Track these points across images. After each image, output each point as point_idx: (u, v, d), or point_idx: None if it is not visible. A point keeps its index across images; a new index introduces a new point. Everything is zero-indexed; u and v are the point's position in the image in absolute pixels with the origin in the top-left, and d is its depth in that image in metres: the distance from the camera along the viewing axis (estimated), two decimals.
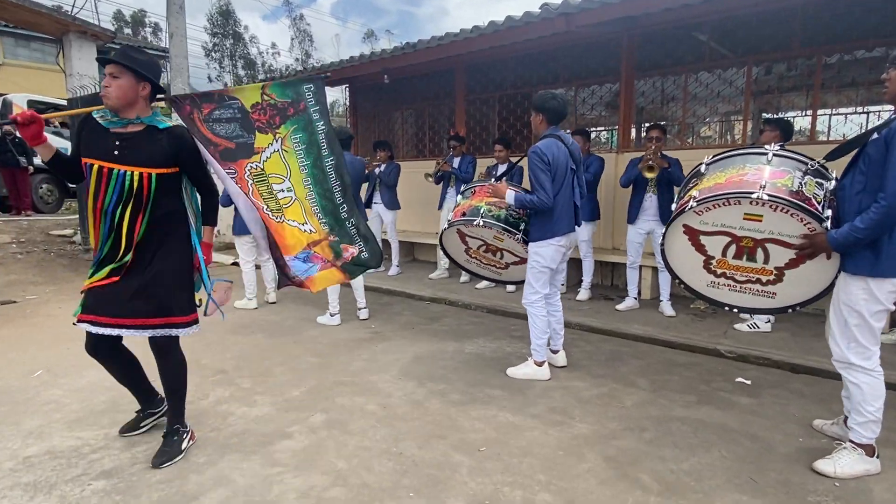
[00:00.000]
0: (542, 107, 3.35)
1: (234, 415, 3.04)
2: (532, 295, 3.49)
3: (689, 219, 2.60)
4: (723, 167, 2.62)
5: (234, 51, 48.79)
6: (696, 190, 2.58)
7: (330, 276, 2.86)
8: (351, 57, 7.01)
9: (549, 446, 2.64)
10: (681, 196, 2.71)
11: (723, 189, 2.45)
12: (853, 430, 2.38)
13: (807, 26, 5.00)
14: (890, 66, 2.24)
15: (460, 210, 3.73)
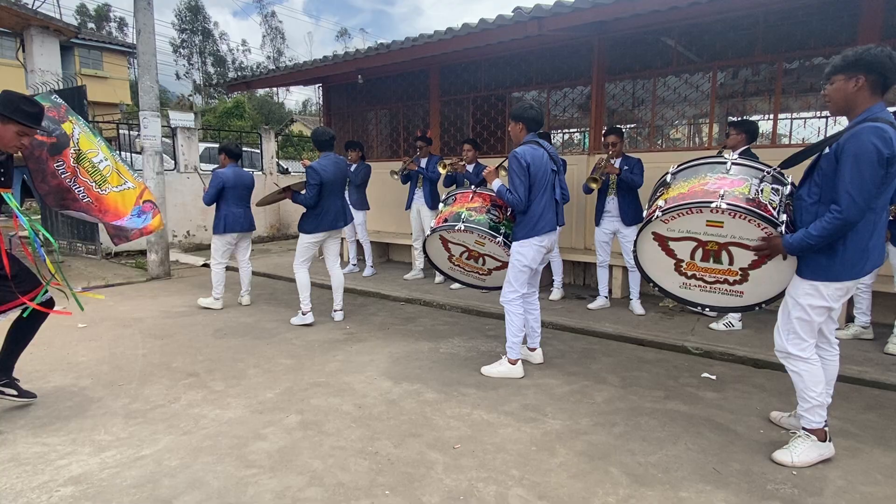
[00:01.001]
0: (521, 116, 3.51)
1: (207, 417, 3.01)
2: (511, 293, 3.55)
3: (657, 227, 2.75)
4: (686, 177, 2.76)
5: (203, 47, 47.90)
6: (663, 200, 2.72)
7: (160, 219, 3.62)
8: (324, 56, 6.97)
9: (523, 442, 2.70)
10: (650, 205, 2.85)
11: (686, 199, 2.60)
12: (803, 418, 2.51)
13: (768, 34, 5.19)
14: (825, 82, 2.36)
15: (442, 217, 3.77)
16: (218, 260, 5.44)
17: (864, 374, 3.52)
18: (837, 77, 2.30)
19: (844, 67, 2.27)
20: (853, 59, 2.25)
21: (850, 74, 2.26)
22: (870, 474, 2.39)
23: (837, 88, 2.31)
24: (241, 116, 28.11)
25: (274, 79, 7.80)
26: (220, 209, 5.34)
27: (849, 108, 2.32)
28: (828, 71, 2.35)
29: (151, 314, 5.28)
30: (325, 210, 4.72)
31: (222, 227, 5.35)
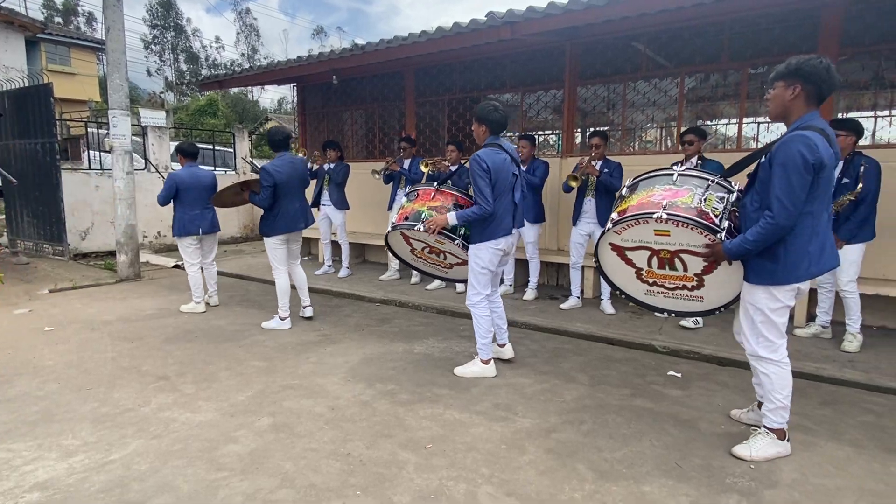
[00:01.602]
0: (486, 118, 3.46)
1: (178, 421, 2.99)
2: (475, 296, 3.61)
3: (611, 238, 2.89)
4: (641, 189, 2.85)
5: (175, 44, 46.98)
6: (616, 212, 2.85)
7: None
8: (299, 56, 6.94)
9: (493, 441, 2.75)
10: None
11: (633, 210, 2.73)
12: (766, 417, 2.61)
13: (734, 41, 5.35)
14: (769, 87, 2.44)
15: (403, 214, 3.77)
16: (190, 262, 5.37)
17: (821, 371, 3.67)
18: (778, 83, 2.39)
19: (785, 75, 2.36)
20: (794, 68, 2.33)
21: (789, 82, 2.35)
22: (822, 467, 2.50)
23: (777, 95, 2.40)
24: (214, 114, 27.68)
25: (247, 78, 7.74)
26: (176, 211, 5.26)
27: (785, 114, 2.42)
28: (771, 76, 2.44)
29: (120, 316, 5.20)
30: (282, 212, 4.64)
31: (178, 229, 5.28)
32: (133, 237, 7.11)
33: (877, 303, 4.58)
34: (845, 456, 2.61)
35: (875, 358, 3.94)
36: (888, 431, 2.88)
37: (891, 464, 2.55)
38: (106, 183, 8.68)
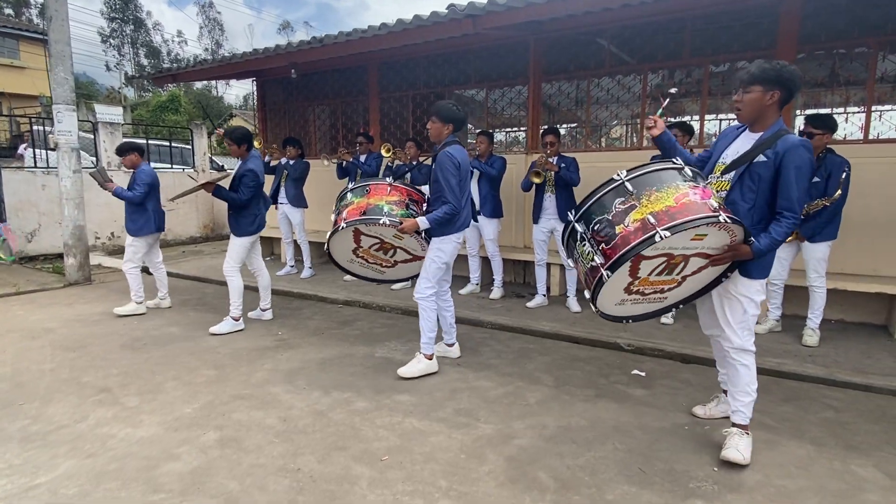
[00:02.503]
0: (453, 117, 3.48)
1: (116, 437, 2.79)
2: (428, 289, 3.57)
3: (649, 249, 2.23)
4: (656, 186, 2.31)
5: (135, 38, 45.41)
6: (651, 215, 2.22)
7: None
8: (255, 49, 6.68)
9: (453, 450, 2.63)
10: (623, 224, 2.27)
11: (686, 214, 2.20)
12: (738, 413, 2.52)
13: (695, 37, 5.35)
14: (741, 89, 2.38)
15: (358, 209, 3.59)
16: (134, 263, 5.16)
17: (782, 367, 3.67)
18: (755, 87, 2.34)
19: (764, 80, 2.31)
20: (774, 75, 2.30)
21: (768, 88, 2.32)
22: (785, 467, 2.47)
23: (754, 99, 2.36)
24: (176, 111, 26.85)
25: (202, 71, 7.42)
26: (147, 208, 5.07)
27: (759, 118, 2.40)
28: (745, 78, 2.37)
29: (65, 324, 4.90)
30: (258, 211, 4.59)
31: (154, 226, 5.14)
32: (82, 239, 6.75)
33: (835, 297, 4.64)
34: (807, 455, 2.59)
35: (834, 352, 3.97)
36: (848, 427, 2.87)
37: (851, 461, 2.53)
38: (53, 182, 8.24)
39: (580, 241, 2.46)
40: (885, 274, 4.65)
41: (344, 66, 7.42)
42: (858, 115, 7.25)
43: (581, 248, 2.45)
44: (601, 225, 2.35)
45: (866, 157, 4.51)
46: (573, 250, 2.55)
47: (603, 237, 2.33)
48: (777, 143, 2.32)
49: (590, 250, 2.38)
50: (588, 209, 2.44)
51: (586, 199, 2.45)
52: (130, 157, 5.14)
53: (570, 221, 2.52)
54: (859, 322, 4.73)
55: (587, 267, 2.41)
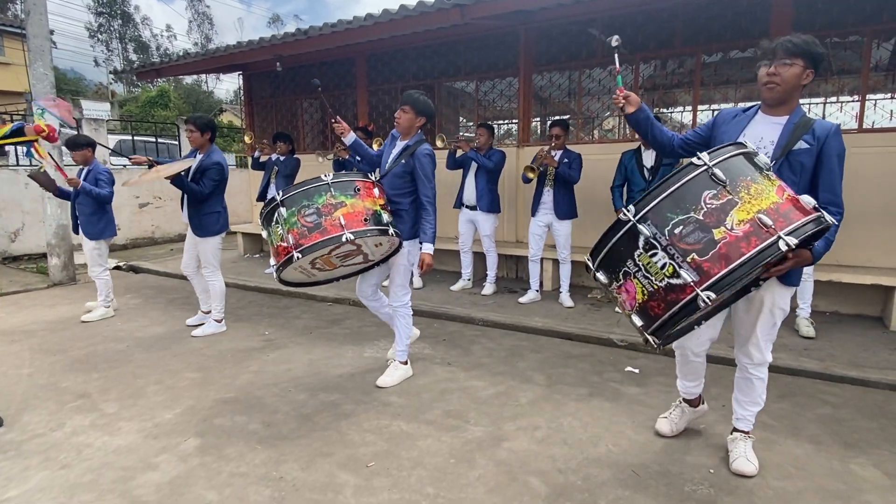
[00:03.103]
0: (424, 111, 3.26)
1: (92, 446, 2.69)
2: (405, 296, 3.42)
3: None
4: (749, 175, 1.87)
5: (123, 33, 44.79)
6: (763, 215, 1.77)
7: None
8: (239, 42, 6.53)
9: (441, 454, 2.55)
10: (723, 226, 1.78)
11: (801, 214, 1.80)
12: (743, 421, 2.41)
13: (687, 26, 5.26)
14: (779, 58, 2.03)
15: (359, 215, 2.90)
16: (103, 266, 4.99)
17: (778, 361, 3.58)
18: (798, 61, 2.02)
19: (809, 56, 2.01)
20: (818, 54, 2.02)
21: (809, 66, 2.04)
22: (783, 468, 2.40)
23: (794, 74, 2.03)
24: (165, 106, 26.51)
25: (186, 66, 7.26)
26: (108, 209, 4.89)
27: (789, 97, 2.10)
28: (787, 48, 2.01)
29: (46, 326, 4.78)
30: (221, 208, 4.39)
31: (114, 227, 4.98)
32: (66, 238, 6.61)
33: (829, 288, 4.59)
34: (805, 454, 2.53)
35: (829, 345, 3.92)
36: (845, 424, 2.82)
37: (849, 461, 2.47)
38: None
39: (645, 250, 1.85)
40: (880, 265, 4.60)
41: (332, 58, 7.28)
42: (852, 105, 7.19)
43: (645, 260, 1.85)
44: (686, 227, 1.79)
45: (861, 147, 4.44)
46: (624, 265, 1.91)
47: (692, 244, 1.77)
48: (814, 128, 2.06)
49: (666, 262, 1.80)
50: (658, 205, 1.84)
51: (653, 190, 1.87)
52: (84, 152, 4.79)
53: (623, 224, 1.90)
54: (854, 314, 4.68)
55: (659, 285, 1.83)
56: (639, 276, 1.88)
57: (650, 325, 1.89)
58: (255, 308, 5.32)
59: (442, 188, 6.20)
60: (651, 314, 1.88)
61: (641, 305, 1.89)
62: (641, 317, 1.92)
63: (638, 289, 1.89)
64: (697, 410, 2.75)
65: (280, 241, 2.85)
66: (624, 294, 1.95)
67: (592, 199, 5.56)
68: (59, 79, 32.14)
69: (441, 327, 4.62)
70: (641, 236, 1.86)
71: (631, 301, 1.93)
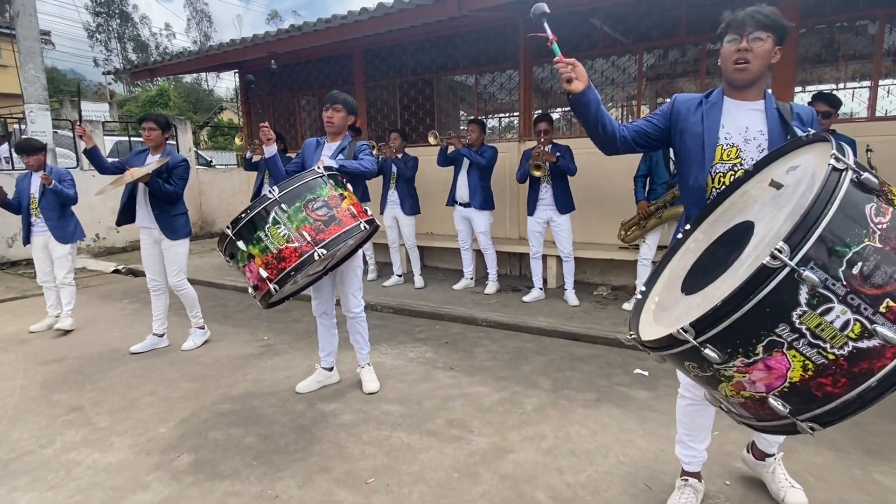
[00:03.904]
0: (354, 109, 3.28)
1: (83, 464, 2.59)
2: (362, 300, 3.33)
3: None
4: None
5: (122, 32, 44.63)
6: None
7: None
8: (232, 40, 6.41)
9: (444, 468, 2.45)
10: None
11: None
12: (775, 445, 2.20)
13: (691, 14, 5.10)
14: (744, 35, 1.74)
15: (359, 206, 2.82)
16: (72, 272, 4.84)
17: None
18: (770, 36, 1.73)
19: (777, 31, 1.73)
20: (786, 29, 1.75)
21: (777, 42, 1.76)
22: (802, 478, 2.28)
23: (767, 50, 1.74)
24: (165, 105, 26.43)
25: (180, 65, 7.14)
26: (73, 214, 4.76)
27: (759, 78, 1.82)
28: (758, 20, 1.71)
29: (41, 334, 4.70)
30: (186, 210, 4.16)
31: (83, 231, 4.87)
32: None
33: None
34: (824, 463, 2.41)
35: None
36: (866, 428, 2.69)
37: (872, 469, 2.35)
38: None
39: (811, 306, 1.21)
40: None
41: (328, 54, 7.15)
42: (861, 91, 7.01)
43: (813, 321, 1.22)
44: (868, 263, 1.21)
45: (873, 136, 4.29)
46: (770, 333, 1.25)
47: (882, 285, 1.21)
48: (798, 113, 1.84)
49: (850, 319, 1.21)
50: (820, 240, 1.21)
51: (805, 222, 1.21)
52: (39, 156, 4.61)
53: (771, 272, 1.20)
54: None
55: (839, 354, 1.22)
56: (799, 345, 1.25)
57: (812, 408, 1.30)
58: (253, 311, 5.22)
59: (435, 186, 6.12)
60: (818, 394, 1.28)
61: (798, 385, 1.28)
62: (791, 400, 1.30)
63: (795, 364, 1.27)
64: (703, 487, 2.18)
65: (285, 243, 2.50)
66: (759, 373, 1.30)
67: (594, 193, 5.43)
68: (59, 80, 32.11)
69: (443, 329, 4.52)
70: (805, 287, 1.21)
71: (773, 381, 1.30)
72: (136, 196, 4.01)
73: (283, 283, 2.54)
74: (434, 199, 6.07)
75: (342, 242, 2.60)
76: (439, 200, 6.01)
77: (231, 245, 2.60)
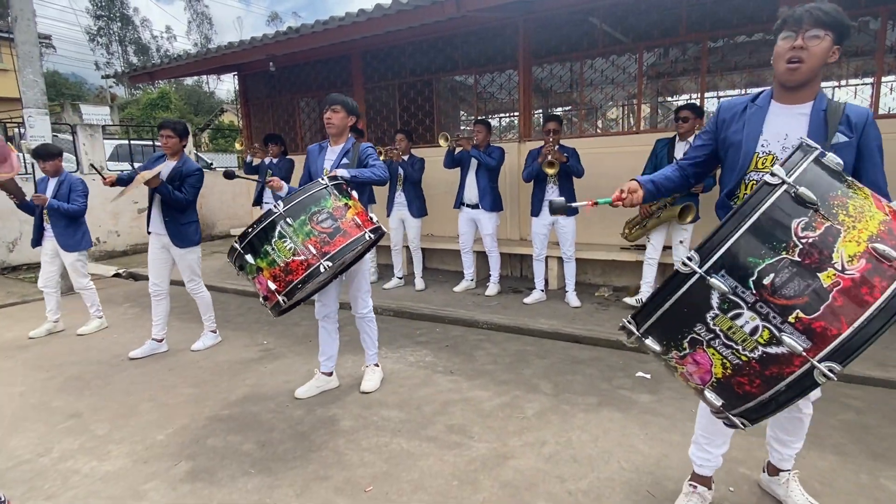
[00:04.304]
0: (354, 110, 3.23)
1: (80, 473, 2.57)
2: (371, 301, 3.39)
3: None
4: (839, 189, 1.41)
5: (122, 35, 44.71)
6: (879, 243, 1.31)
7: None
8: (230, 43, 6.39)
9: (444, 476, 2.42)
10: (831, 267, 1.31)
11: None
12: (789, 460, 2.11)
13: (692, 12, 5.06)
14: (800, 32, 1.65)
15: (364, 215, 2.81)
16: (87, 277, 4.90)
17: None
18: (828, 34, 1.64)
19: (838, 29, 1.64)
20: (848, 28, 1.66)
21: (837, 41, 1.67)
22: (808, 483, 2.25)
23: (824, 49, 1.65)
24: (166, 108, 26.42)
25: (178, 68, 7.13)
26: (82, 222, 4.77)
27: (814, 78, 1.72)
28: (816, 17, 1.63)
29: (42, 340, 4.69)
30: (197, 218, 4.20)
31: (90, 239, 4.88)
32: None
33: None
34: (830, 467, 2.37)
35: None
36: (872, 431, 2.66)
37: (879, 473, 2.31)
38: (32, 189, 7.98)
39: (723, 310, 1.35)
40: None
41: (327, 56, 7.13)
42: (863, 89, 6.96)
43: (724, 324, 1.36)
44: (781, 275, 1.31)
45: None
46: (691, 331, 1.41)
47: (792, 297, 1.30)
48: (848, 115, 1.72)
49: (758, 326, 1.33)
50: (733, 248, 1.34)
51: (720, 228, 1.37)
52: (55, 162, 4.64)
53: (685, 278, 1.38)
54: None
55: (749, 357, 1.35)
56: (715, 344, 1.39)
57: (739, 404, 1.43)
58: (254, 315, 5.20)
59: (437, 188, 6.09)
60: (739, 392, 1.41)
61: (722, 381, 1.42)
62: (722, 394, 1.44)
63: (716, 361, 1.41)
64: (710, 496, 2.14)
65: (292, 256, 2.54)
66: (691, 366, 1.46)
67: (596, 193, 5.35)
68: (61, 84, 32.18)
69: (444, 332, 4.49)
70: (715, 292, 1.35)
71: (703, 375, 1.45)
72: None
73: (292, 294, 2.57)
74: (436, 200, 6.04)
75: (347, 253, 2.64)
76: (441, 202, 5.98)
77: (240, 258, 2.65)
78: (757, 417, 1.43)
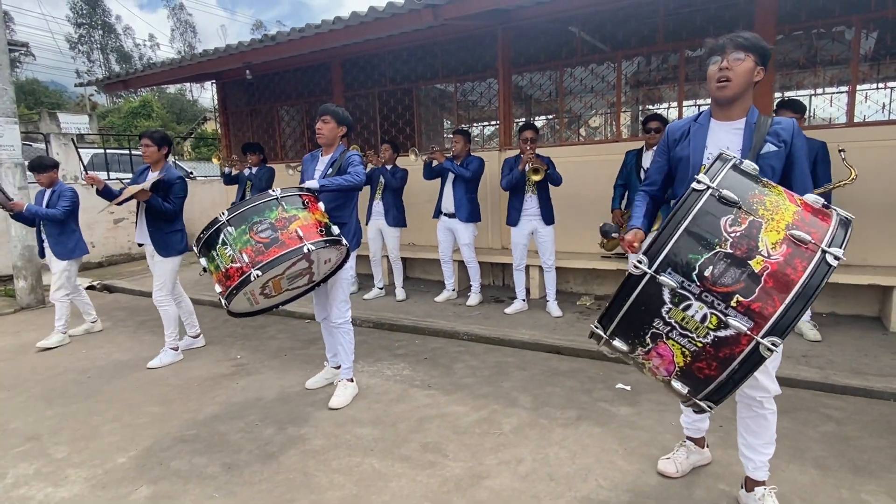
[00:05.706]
0: (345, 120, 3.28)
1: (34, 500, 2.44)
2: (347, 311, 3.35)
3: None
4: (757, 188, 1.67)
5: (104, 43, 44.21)
6: (796, 230, 1.54)
7: None
8: (205, 50, 6.29)
9: (415, 498, 2.33)
10: (758, 255, 1.52)
11: (828, 220, 1.62)
12: (762, 469, 2.08)
13: (669, 21, 5.07)
14: (724, 56, 1.88)
15: (313, 227, 2.76)
16: (68, 289, 4.76)
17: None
18: (749, 56, 1.87)
19: (758, 52, 1.88)
20: (765, 51, 1.89)
21: (759, 62, 1.90)
22: (788, 499, 2.20)
23: (748, 69, 1.87)
24: (148, 116, 26.10)
25: (153, 76, 7.00)
26: (75, 228, 4.71)
27: (742, 97, 1.93)
28: (738, 42, 1.86)
29: (5, 356, 4.52)
30: (183, 227, 4.15)
31: (85, 247, 4.80)
32: (32, 259, 6.33)
33: (825, 289, 4.41)
34: (811, 482, 2.32)
35: (829, 350, 3.74)
36: (852, 443, 2.62)
37: (860, 488, 2.27)
38: None
39: (674, 304, 1.54)
40: (875, 263, 4.43)
41: (306, 64, 7.06)
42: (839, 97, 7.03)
43: (678, 315, 1.54)
44: (718, 267, 1.50)
45: (852, 142, 4.27)
46: (651, 326, 1.58)
47: (731, 284, 1.49)
48: (776, 129, 1.93)
49: (707, 313, 1.51)
50: (675, 248, 1.54)
51: (662, 231, 1.57)
52: (50, 174, 4.69)
53: (638, 279, 1.57)
54: (852, 314, 4.51)
55: (704, 342, 1.53)
56: (673, 335, 1.56)
57: (702, 388, 1.58)
58: (228, 328, 5.07)
59: (419, 197, 6.02)
60: (700, 377, 1.57)
61: (684, 369, 1.58)
62: (687, 381, 1.59)
63: (676, 351, 1.57)
64: (704, 452, 2.45)
65: (230, 262, 2.64)
66: (656, 359, 1.62)
67: (576, 203, 5.37)
68: (41, 91, 31.68)
69: (423, 344, 4.40)
70: (666, 289, 1.54)
71: (668, 366, 1.60)
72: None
73: (230, 299, 2.67)
74: (418, 210, 5.97)
75: (280, 264, 2.63)
76: (423, 212, 5.91)
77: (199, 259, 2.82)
78: (719, 398, 1.59)
